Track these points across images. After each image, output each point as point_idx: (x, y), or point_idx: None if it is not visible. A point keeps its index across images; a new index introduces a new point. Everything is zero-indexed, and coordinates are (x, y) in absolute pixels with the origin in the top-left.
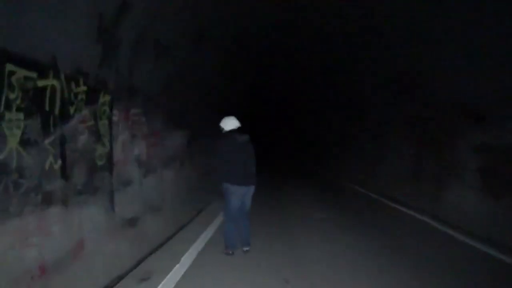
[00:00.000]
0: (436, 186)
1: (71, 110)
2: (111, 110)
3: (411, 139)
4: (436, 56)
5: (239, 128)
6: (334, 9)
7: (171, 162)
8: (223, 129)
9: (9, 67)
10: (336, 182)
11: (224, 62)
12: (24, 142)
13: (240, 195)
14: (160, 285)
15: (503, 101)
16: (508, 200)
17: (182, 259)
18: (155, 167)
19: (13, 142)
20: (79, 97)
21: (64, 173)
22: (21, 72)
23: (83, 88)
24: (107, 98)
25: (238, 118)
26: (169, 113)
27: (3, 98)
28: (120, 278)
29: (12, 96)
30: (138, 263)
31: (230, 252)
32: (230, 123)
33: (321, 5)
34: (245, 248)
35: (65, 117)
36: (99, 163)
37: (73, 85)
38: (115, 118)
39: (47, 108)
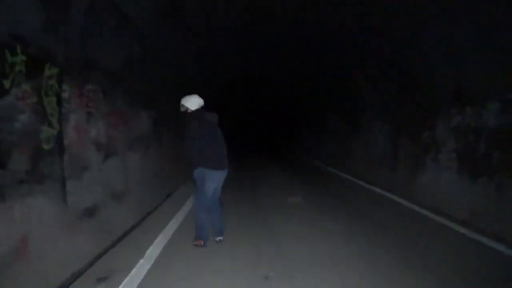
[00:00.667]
0: (412, 167)
1: (6, 84)
2: (60, 85)
3: (387, 120)
4: (416, 34)
5: (204, 106)
6: None
7: (136, 145)
8: (188, 108)
9: None
10: (311, 164)
11: (197, 42)
12: None
13: (217, 180)
14: (121, 285)
15: (484, 81)
16: (484, 180)
17: (147, 252)
18: (117, 149)
19: None
20: (17, 68)
21: None
22: None
23: (21, 57)
24: (54, 71)
25: (209, 98)
26: (133, 92)
27: None
28: (75, 277)
29: None
30: (97, 258)
31: (202, 243)
32: (194, 101)
33: None
34: (218, 238)
35: None
36: (46, 146)
37: (7, 53)
38: (65, 95)
39: None
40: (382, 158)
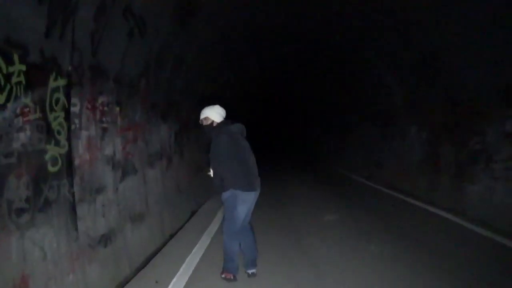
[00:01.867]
0: (456, 178)
1: (1, 98)
2: (68, 98)
3: (424, 125)
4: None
5: (226, 117)
6: None
7: (155, 160)
8: (212, 121)
9: None
10: (336, 173)
11: (217, 45)
12: None
13: (250, 202)
14: None
15: None
16: None
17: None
18: (135, 167)
19: None
20: (14, 79)
21: None
22: None
23: (19, 67)
24: (61, 82)
25: (232, 107)
26: (152, 103)
27: None
28: None
29: None
30: None
31: (232, 277)
32: (219, 112)
33: None
34: (251, 271)
35: None
36: (52, 169)
37: (1, 63)
38: (75, 109)
39: None
40: (420, 168)
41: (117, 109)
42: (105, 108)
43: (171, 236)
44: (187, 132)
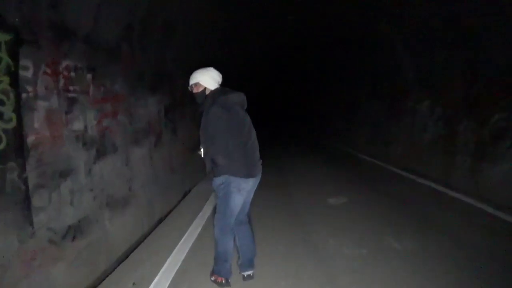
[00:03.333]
0: (476, 158)
1: None
2: (15, 59)
3: (439, 100)
4: None
5: (222, 83)
6: None
7: (142, 137)
8: (205, 88)
9: None
10: (344, 152)
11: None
12: None
13: (247, 191)
14: None
15: None
16: None
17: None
18: (116, 145)
19: None
20: None
21: None
22: None
23: None
24: (2, 37)
25: (232, 79)
26: (137, 72)
27: None
28: None
29: None
30: None
31: (223, 281)
32: (212, 77)
33: None
34: (247, 273)
35: None
36: None
37: None
38: (26, 73)
39: None
40: (434, 147)
41: (89, 76)
42: (72, 74)
43: (160, 221)
44: (182, 106)
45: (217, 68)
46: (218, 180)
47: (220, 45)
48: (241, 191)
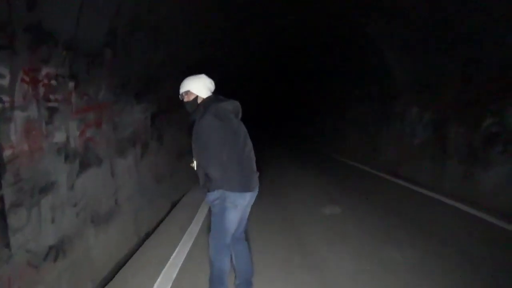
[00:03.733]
0: (468, 163)
1: None
2: None
3: (428, 105)
4: None
5: (214, 91)
6: None
7: (127, 147)
8: (196, 97)
9: None
10: (332, 158)
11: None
12: None
13: (244, 206)
14: None
15: None
16: None
17: None
18: (99, 156)
19: None
20: None
21: None
22: None
23: None
24: None
25: (226, 84)
26: (122, 79)
27: None
28: None
29: None
30: None
31: None
32: (205, 85)
33: None
34: None
35: None
36: None
37: None
38: (2, 82)
39: None
40: (423, 152)
41: (71, 84)
42: (53, 82)
43: (147, 235)
44: (168, 113)
45: (213, 69)
46: (212, 195)
47: (217, 45)
48: (238, 206)
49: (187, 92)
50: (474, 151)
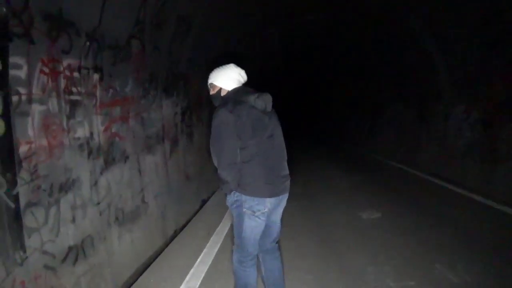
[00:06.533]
0: None
1: None
2: (4, 55)
3: (476, 103)
4: None
5: (246, 83)
6: None
7: (155, 144)
8: (220, 89)
9: None
10: (369, 157)
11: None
12: None
13: (267, 213)
14: None
15: None
16: None
17: None
18: (126, 153)
19: None
20: None
21: None
22: None
23: None
24: None
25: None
26: (150, 72)
27: None
28: None
29: None
30: None
31: None
32: (229, 77)
33: None
34: None
35: None
36: None
37: None
38: (18, 72)
39: None
40: (470, 153)
41: (96, 76)
42: (75, 74)
43: (174, 235)
44: (199, 109)
45: (245, 66)
46: (230, 198)
47: (250, 41)
48: (256, 213)
49: (211, 85)
50: None
